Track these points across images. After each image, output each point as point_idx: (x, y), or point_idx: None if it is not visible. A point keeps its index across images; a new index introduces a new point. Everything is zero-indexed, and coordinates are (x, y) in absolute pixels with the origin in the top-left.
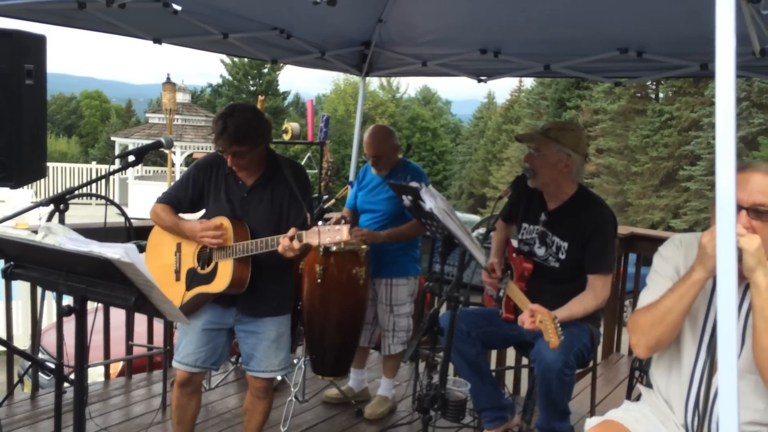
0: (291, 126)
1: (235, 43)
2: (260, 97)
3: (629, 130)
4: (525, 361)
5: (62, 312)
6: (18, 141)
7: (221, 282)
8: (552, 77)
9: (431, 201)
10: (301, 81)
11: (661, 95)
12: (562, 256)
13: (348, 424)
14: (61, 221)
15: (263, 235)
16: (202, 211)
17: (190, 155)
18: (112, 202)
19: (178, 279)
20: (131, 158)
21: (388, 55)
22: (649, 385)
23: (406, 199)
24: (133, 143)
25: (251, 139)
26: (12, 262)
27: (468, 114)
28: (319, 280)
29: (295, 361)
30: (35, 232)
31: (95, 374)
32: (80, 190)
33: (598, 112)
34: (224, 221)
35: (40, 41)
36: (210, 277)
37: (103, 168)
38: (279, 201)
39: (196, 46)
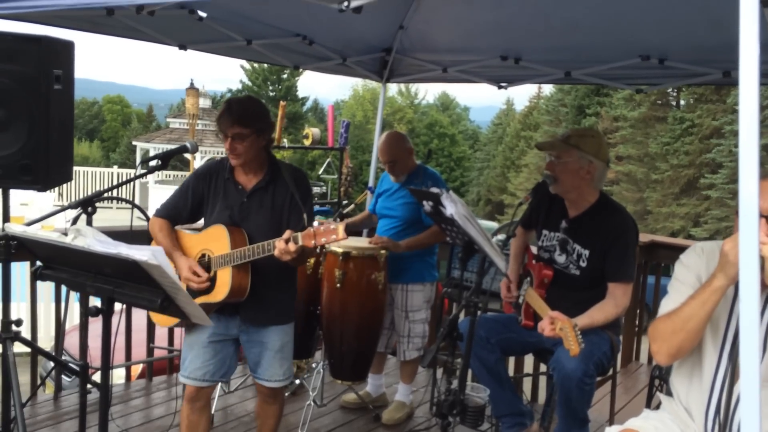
0: (312, 131)
1: (258, 50)
2: (282, 103)
3: (649, 137)
4: (543, 368)
5: (90, 312)
6: (46, 145)
7: (221, 291)
8: (573, 84)
9: (452, 207)
10: (320, 87)
11: (682, 102)
12: (583, 264)
13: (366, 429)
14: (89, 224)
15: (261, 240)
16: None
17: (211, 159)
18: (137, 206)
19: None
20: (157, 162)
21: (409, 62)
22: (669, 393)
23: (427, 205)
24: (154, 147)
25: (254, 123)
26: (41, 264)
27: (486, 120)
28: (338, 285)
29: (313, 365)
30: (65, 233)
31: (116, 376)
32: (107, 194)
33: (618, 119)
34: (220, 229)
35: (68, 47)
36: (209, 287)
37: (125, 172)
38: (279, 206)
39: (221, 52)
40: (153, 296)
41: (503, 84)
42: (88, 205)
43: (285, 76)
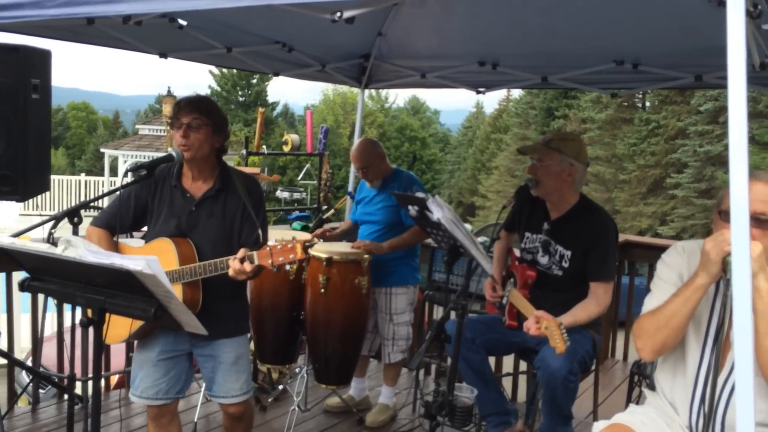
0: (291, 137)
1: (238, 57)
2: (260, 110)
3: (617, 138)
4: (523, 367)
5: (81, 324)
6: (24, 155)
7: None
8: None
9: (439, 211)
10: (291, 91)
11: (647, 104)
12: (566, 265)
13: None
14: (75, 234)
15: (211, 252)
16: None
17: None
18: None
19: None
20: (143, 172)
21: (387, 68)
22: (651, 387)
23: (413, 210)
24: (123, 155)
25: (211, 116)
26: (28, 275)
27: (457, 123)
28: (322, 290)
29: (297, 369)
30: (55, 244)
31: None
32: (96, 203)
33: (585, 121)
34: (165, 243)
35: (45, 56)
36: None
37: (93, 180)
38: (231, 215)
39: (201, 60)
40: (146, 306)
41: (481, 89)
42: (74, 215)
43: (255, 81)
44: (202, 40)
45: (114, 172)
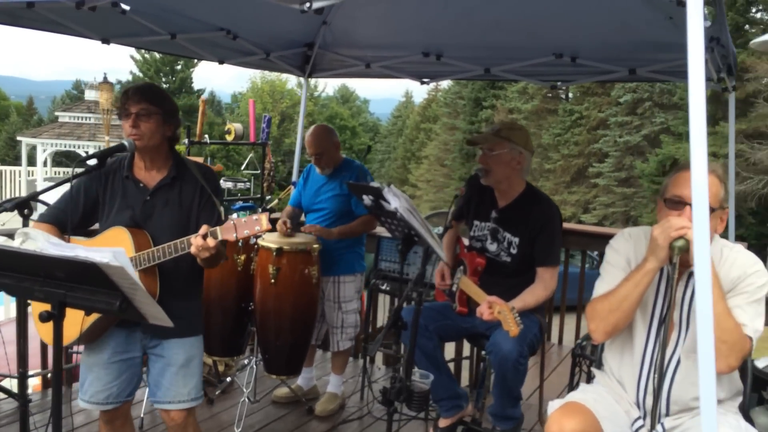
0: (234, 126)
1: (182, 44)
2: (202, 99)
3: (542, 128)
4: (466, 352)
5: (41, 318)
6: None
7: None
8: (492, 80)
9: (396, 200)
10: (216, 78)
11: (570, 95)
12: (514, 251)
13: (299, 422)
14: (25, 226)
15: (167, 241)
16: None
17: (76, 156)
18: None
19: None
20: (94, 162)
21: (332, 57)
22: (599, 367)
23: (367, 199)
24: (41, 143)
25: (161, 104)
26: None
27: (386, 113)
28: (273, 281)
29: (245, 362)
30: (11, 237)
31: (31, 384)
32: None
33: (512, 111)
34: (120, 231)
35: None
36: None
37: (8, 169)
38: (188, 202)
39: (144, 45)
40: (110, 299)
41: (425, 80)
42: (24, 206)
43: (179, 67)
44: (145, 26)
45: (31, 161)
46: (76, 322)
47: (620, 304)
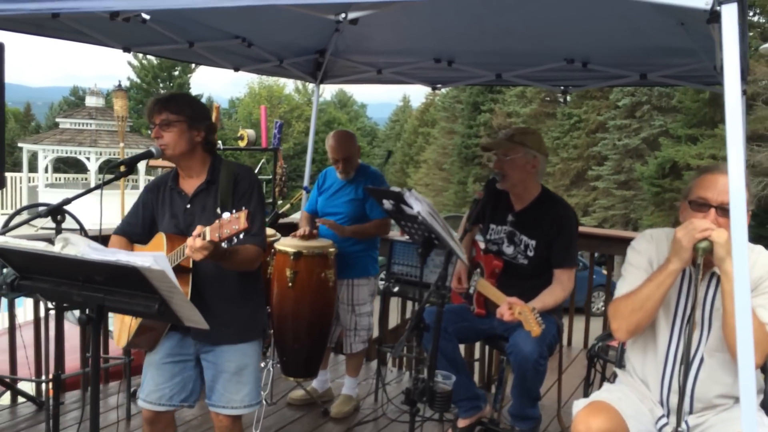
0: (247, 133)
1: (199, 52)
2: (215, 105)
3: (541, 132)
4: (477, 354)
5: (82, 322)
6: None
7: None
8: (503, 85)
9: (418, 205)
10: (213, 83)
11: (568, 99)
12: (531, 254)
13: (315, 424)
14: (59, 232)
15: None
16: None
17: (107, 161)
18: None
19: None
20: (124, 168)
21: (344, 63)
22: (621, 366)
23: (388, 203)
24: (43, 149)
25: (183, 110)
26: (17, 274)
27: (384, 117)
28: (290, 284)
29: (262, 364)
30: (51, 242)
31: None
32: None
33: (511, 115)
34: (158, 237)
35: None
36: None
37: (10, 176)
38: (224, 206)
39: (163, 54)
40: (148, 302)
41: (437, 85)
42: (57, 213)
43: (176, 72)
44: (164, 35)
45: (32, 167)
46: (124, 328)
47: (643, 303)
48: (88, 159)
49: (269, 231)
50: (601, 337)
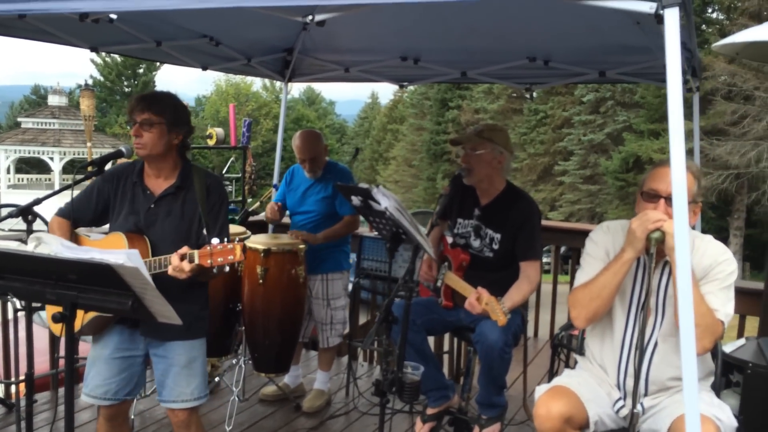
0: (216, 131)
1: (167, 51)
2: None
3: (508, 128)
4: (446, 347)
5: (54, 319)
6: None
7: None
8: (468, 83)
9: (386, 200)
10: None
11: (534, 95)
12: (496, 247)
13: (288, 419)
14: (30, 231)
15: (168, 251)
16: (107, 226)
17: (71, 161)
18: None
19: None
20: (94, 168)
21: (311, 62)
22: (581, 353)
23: (356, 200)
24: (5, 149)
25: (165, 112)
26: None
27: (352, 114)
28: (261, 281)
29: (233, 361)
30: (23, 241)
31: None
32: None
33: (478, 111)
34: (118, 237)
35: None
36: None
37: None
38: (190, 214)
39: (132, 53)
40: (122, 299)
41: (404, 83)
42: (27, 213)
43: (141, 70)
44: (131, 34)
45: None
46: (77, 316)
47: (600, 291)
48: (51, 159)
49: (239, 229)
50: (564, 327)
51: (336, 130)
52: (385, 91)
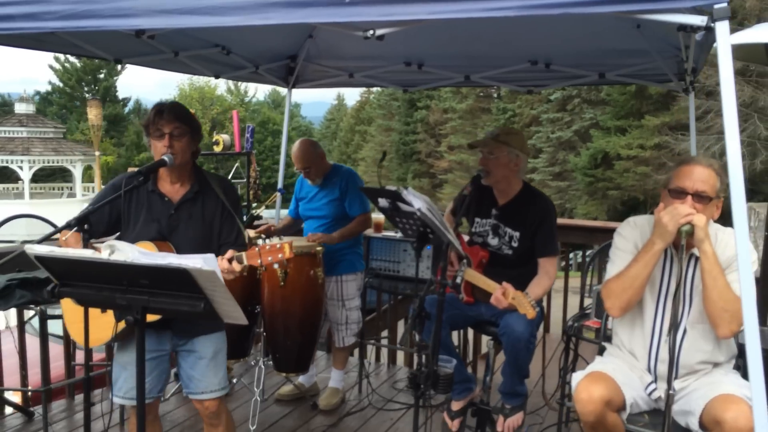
0: (222, 137)
1: (184, 61)
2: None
3: (477, 127)
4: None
5: (128, 322)
6: None
7: None
8: (472, 86)
9: (418, 201)
10: (139, 86)
11: (502, 93)
12: (515, 244)
13: (306, 417)
14: (86, 240)
15: (192, 254)
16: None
17: (41, 170)
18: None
19: (104, 310)
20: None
21: (315, 68)
22: (608, 340)
23: (383, 201)
24: None
25: (188, 121)
26: (56, 281)
27: (318, 116)
28: (282, 283)
29: (252, 362)
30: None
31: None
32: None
33: (447, 111)
34: (147, 246)
35: None
36: None
37: None
38: (210, 217)
39: (152, 65)
40: (194, 302)
41: (407, 88)
42: (83, 222)
43: (102, 75)
44: (152, 46)
45: None
46: (108, 325)
47: (632, 282)
48: (20, 168)
49: (251, 233)
50: (575, 317)
51: (303, 133)
52: (351, 93)
